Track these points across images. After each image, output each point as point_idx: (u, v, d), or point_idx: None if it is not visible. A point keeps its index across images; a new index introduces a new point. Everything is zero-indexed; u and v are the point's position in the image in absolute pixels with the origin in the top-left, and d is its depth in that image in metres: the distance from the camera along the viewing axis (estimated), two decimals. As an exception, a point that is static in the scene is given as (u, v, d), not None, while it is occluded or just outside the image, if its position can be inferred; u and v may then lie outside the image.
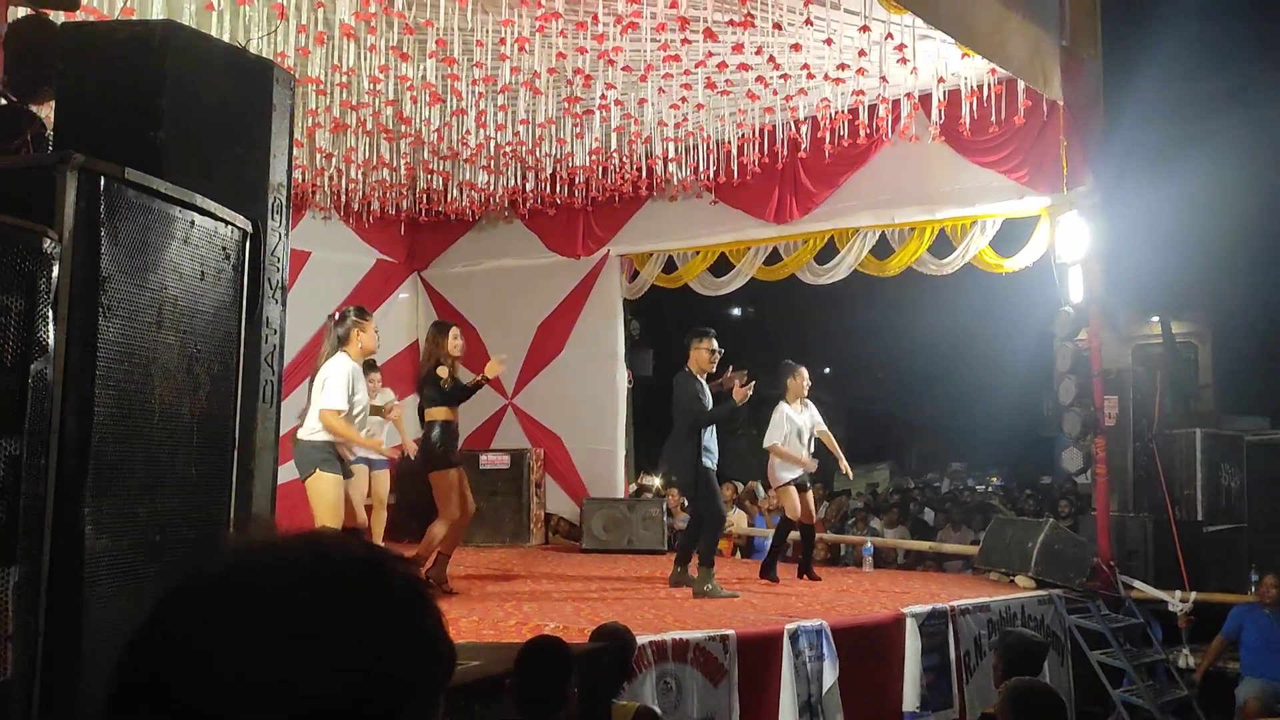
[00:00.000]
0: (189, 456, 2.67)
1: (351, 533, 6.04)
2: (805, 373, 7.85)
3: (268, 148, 3.56)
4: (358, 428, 6.05)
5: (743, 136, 8.74)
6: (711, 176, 9.08)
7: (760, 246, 9.78)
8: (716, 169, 8.99)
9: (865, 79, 7.41)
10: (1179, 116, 10.52)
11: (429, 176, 9.48)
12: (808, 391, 7.83)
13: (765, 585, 7.39)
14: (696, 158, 8.99)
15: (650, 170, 9.25)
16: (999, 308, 13.45)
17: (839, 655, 5.58)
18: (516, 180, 9.53)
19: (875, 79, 7.39)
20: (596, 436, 10.40)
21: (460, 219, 10.71)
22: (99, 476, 2.30)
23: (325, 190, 9.74)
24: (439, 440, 6.50)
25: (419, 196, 10.11)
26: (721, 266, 10.11)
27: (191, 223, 2.68)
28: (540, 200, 9.87)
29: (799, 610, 6.16)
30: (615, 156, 8.99)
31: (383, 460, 7.29)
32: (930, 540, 10.75)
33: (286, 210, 3.67)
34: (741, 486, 10.94)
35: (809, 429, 7.73)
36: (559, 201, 9.85)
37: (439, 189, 9.77)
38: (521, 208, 10.18)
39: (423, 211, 10.38)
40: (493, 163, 9.12)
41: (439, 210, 10.31)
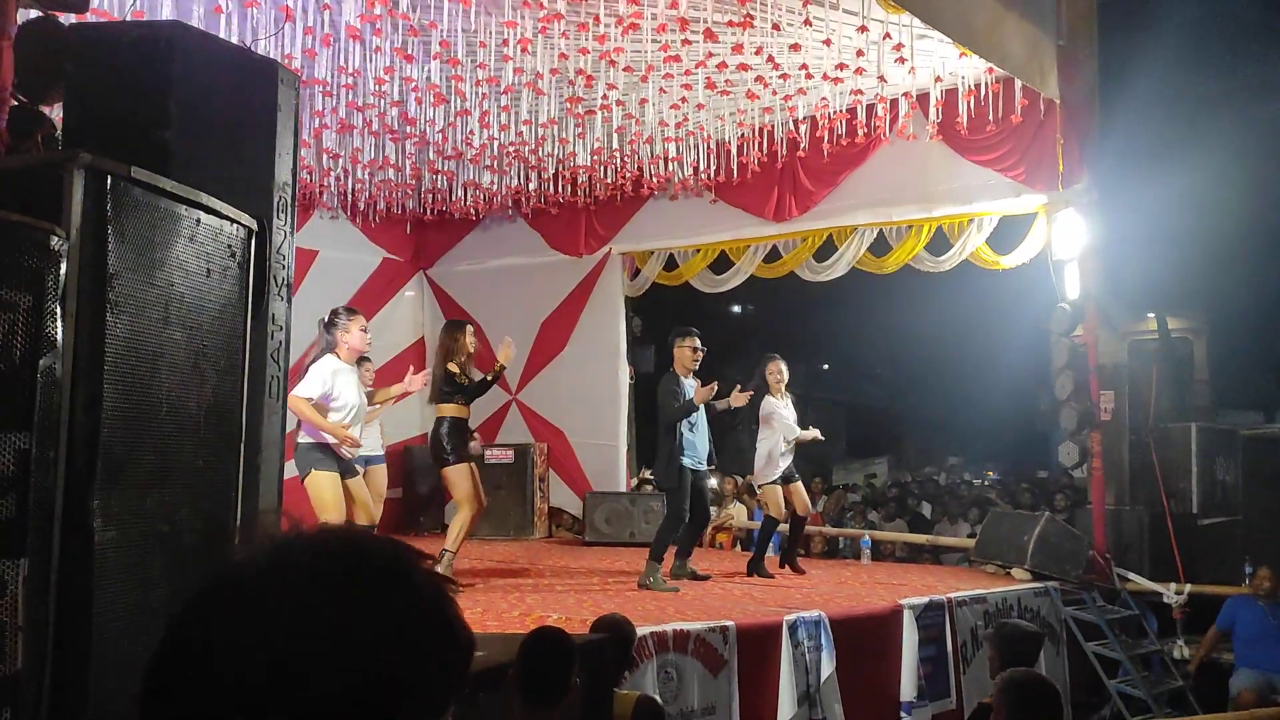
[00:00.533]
0: (196, 450, 2.70)
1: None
2: (782, 364, 7.70)
3: (273, 147, 3.61)
4: (358, 427, 6.10)
5: (742, 136, 8.80)
6: (711, 176, 9.15)
7: (760, 244, 9.84)
8: (716, 168, 9.06)
9: (863, 79, 7.46)
10: (1174, 115, 10.55)
11: (434, 176, 9.57)
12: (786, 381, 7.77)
13: (763, 578, 7.42)
14: (697, 157, 9.06)
15: (651, 169, 9.31)
16: (996, 304, 13.48)
17: (837, 646, 5.64)
18: (520, 180, 9.61)
19: (873, 79, 7.44)
20: (599, 431, 10.48)
21: (465, 218, 10.81)
22: (107, 470, 2.33)
23: (332, 190, 9.82)
24: (447, 435, 6.56)
25: (424, 196, 10.19)
26: (721, 264, 10.18)
27: (197, 221, 2.72)
28: (543, 199, 9.96)
29: (798, 602, 6.22)
30: (617, 156, 9.06)
31: (379, 454, 7.34)
32: (927, 533, 10.80)
33: (291, 209, 3.73)
34: (741, 480, 10.99)
35: (793, 419, 7.69)
36: (561, 201, 9.93)
37: (444, 189, 9.87)
38: (525, 207, 10.25)
39: (428, 211, 10.47)
40: (496, 163, 9.19)
41: (444, 210, 10.41)
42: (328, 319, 6.18)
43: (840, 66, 7.33)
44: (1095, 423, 7.80)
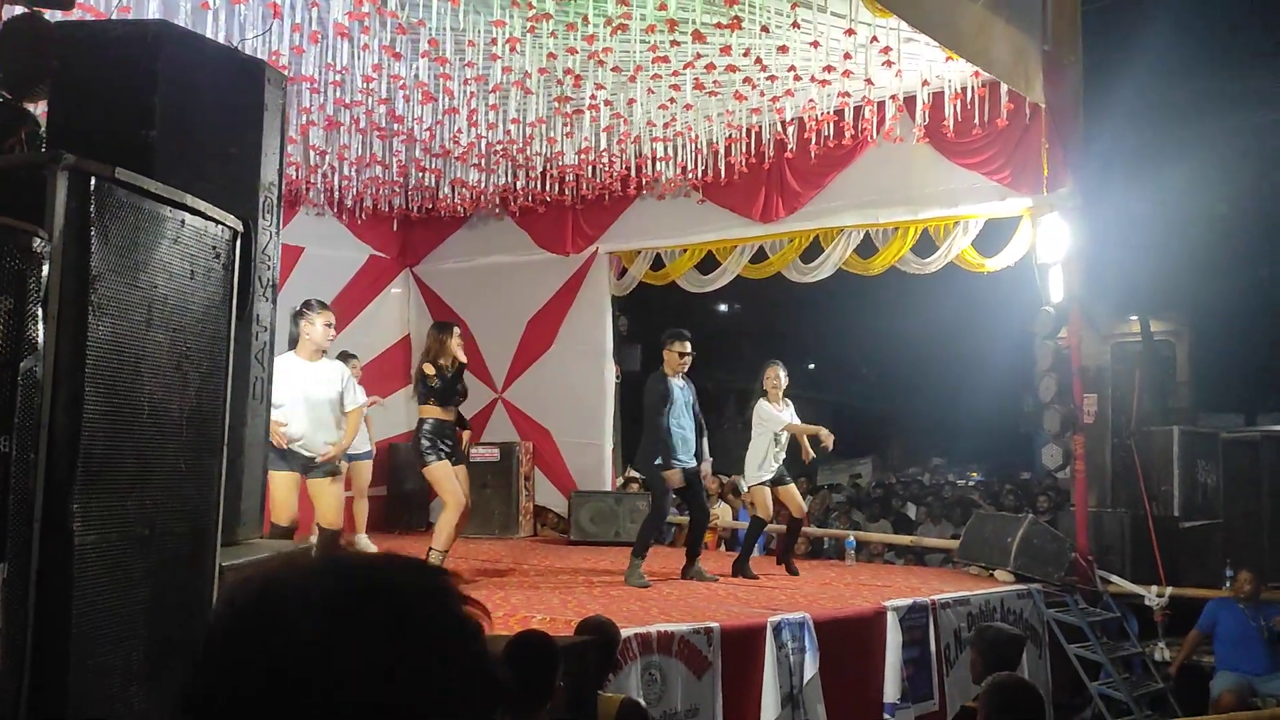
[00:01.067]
0: (178, 452, 2.69)
1: (335, 538, 6.07)
2: (781, 370, 7.82)
3: (259, 147, 3.60)
4: (312, 425, 6.05)
5: (730, 137, 8.81)
6: (699, 176, 9.16)
7: (747, 245, 9.85)
8: (704, 169, 9.07)
9: (851, 81, 7.48)
10: (1157, 121, 10.62)
11: (421, 174, 9.54)
12: (785, 388, 7.83)
13: (748, 579, 7.44)
14: (684, 157, 9.06)
15: (639, 169, 9.32)
16: (981, 307, 13.55)
17: (821, 647, 5.66)
18: (507, 178, 9.60)
19: (860, 81, 7.46)
20: (585, 430, 10.48)
21: (452, 216, 10.78)
22: (88, 472, 2.32)
23: (318, 187, 9.79)
24: (426, 436, 6.58)
25: (411, 194, 10.17)
26: (708, 264, 10.19)
27: (182, 222, 2.71)
28: (530, 198, 9.95)
29: (782, 603, 6.23)
30: (604, 155, 9.06)
31: (366, 451, 7.31)
32: (911, 534, 10.85)
33: (277, 209, 3.72)
34: (725, 480, 11.01)
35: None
36: (549, 199, 9.93)
37: (431, 186, 9.84)
38: (512, 205, 10.24)
39: (415, 208, 10.45)
40: (484, 161, 9.18)
41: (431, 207, 10.38)
42: (298, 309, 6.23)
43: (828, 69, 7.34)
44: (1078, 425, 7.83)
